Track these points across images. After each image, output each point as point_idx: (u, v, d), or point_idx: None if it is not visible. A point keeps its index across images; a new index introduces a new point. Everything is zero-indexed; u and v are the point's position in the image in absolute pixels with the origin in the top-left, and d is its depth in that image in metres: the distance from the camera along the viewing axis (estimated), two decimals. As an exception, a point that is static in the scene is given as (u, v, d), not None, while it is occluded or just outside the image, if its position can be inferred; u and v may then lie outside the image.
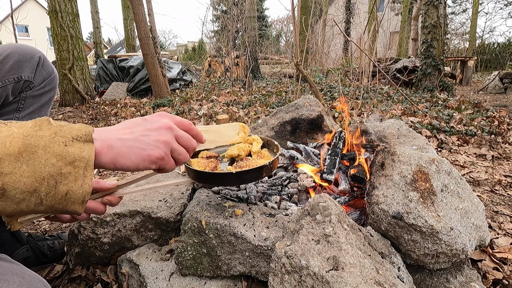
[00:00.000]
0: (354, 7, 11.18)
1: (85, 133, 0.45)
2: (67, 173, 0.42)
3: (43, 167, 0.41)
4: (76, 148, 0.43)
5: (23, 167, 0.40)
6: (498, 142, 2.46)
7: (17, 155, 0.39)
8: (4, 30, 8.31)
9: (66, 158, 0.42)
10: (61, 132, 0.44)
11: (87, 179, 0.44)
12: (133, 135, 0.51)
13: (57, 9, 4.94)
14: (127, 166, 0.50)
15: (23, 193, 0.40)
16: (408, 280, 0.74)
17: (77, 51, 5.27)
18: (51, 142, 0.42)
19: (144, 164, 0.51)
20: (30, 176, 0.40)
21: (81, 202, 0.45)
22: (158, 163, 0.52)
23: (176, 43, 30.31)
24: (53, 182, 0.42)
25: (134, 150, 0.50)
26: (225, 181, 0.81)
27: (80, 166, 0.43)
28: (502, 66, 13.73)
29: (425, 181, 0.82)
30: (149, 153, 0.51)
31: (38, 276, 0.46)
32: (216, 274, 0.86)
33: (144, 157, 0.51)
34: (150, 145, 0.51)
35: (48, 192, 0.42)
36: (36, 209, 0.43)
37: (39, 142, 0.41)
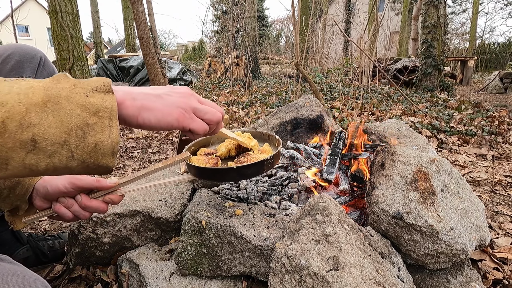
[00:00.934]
0: (354, 7, 11.18)
1: (103, 84, 0.45)
2: (93, 123, 0.42)
3: (69, 118, 0.41)
4: (98, 99, 0.43)
5: (50, 117, 0.40)
6: (498, 142, 2.46)
7: (42, 105, 0.40)
8: (4, 30, 8.30)
9: (89, 109, 0.42)
10: (80, 84, 0.44)
11: (113, 129, 0.44)
12: (156, 92, 0.51)
13: (57, 9, 4.94)
14: (149, 121, 0.49)
15: (53, 144, 0.40)
16: (408, 280, 0.74)
17: (77, 51, 5.27)
18: (72, 93, 0.42)
19: (166, 120, 0.50)
20: (58, 126, 0.40)
21: (111, 154, 0.45)
22: (181, 121, 0.51)
23: (176, 43, 30.33)
24: (81, 133, 0.42)
25: (157, 105, 0.49)
26: (227, 177, 0.80)
27: (105, 116, 0.43)
28: (502, 66, 13.73)
29: (425, 181, 0.82)
30: (171, 110, 0.50)
31: (39, 277, 0.46)
32: (216, 274, 0.86)
33: (166, 114, 0.50)
34: (173, 103, 0.51)
35: (77, 144, 0.42)
36: (69, 165, 0.43)
37: (60, 93, 0.41)
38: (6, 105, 0.37)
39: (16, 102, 0.38)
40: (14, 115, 0.38)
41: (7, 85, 0.39)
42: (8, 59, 0.86)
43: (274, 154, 0.79)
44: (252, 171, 0.77)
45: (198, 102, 0.55)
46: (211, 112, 0.56)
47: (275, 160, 0.81)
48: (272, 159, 0.79)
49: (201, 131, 0.54)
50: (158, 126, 0.50)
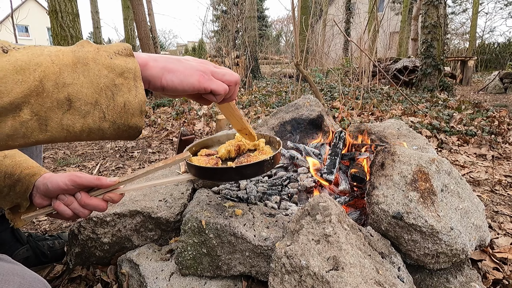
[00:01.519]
0: (354, 7, 11.18)
1: (124, 48, 0.47)
2: (119, 84, 0.44)
3: (98, 78, 0.43)
4: (121, 61, 0.45)
5: (81, 78, 0.42)
6: (498, 142, 2.46)
7: (73, 66, 0.41)
8: (4, 30, 8.29)
9: (115, 70, 0.44)
10: (103, 48, 0.46)
11: (139, 89, 0.46)
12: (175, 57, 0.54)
13: (57, 9, 4.94)
14: (172, 82, 0.50)
15: (86, 104, 0.42)
16: (408, 280, 0.74)
17: (77, 51, 5.26)
18: (97, 55, 0.44)
19: (188, 81, 0.52)
20: (89, 87, 0.42)
21: (139, 113, 0.47)
22: (202, 82, 0.53)
23: (176, 43, 30.33)
24: (110, 93, 0.44)
25: (179, 67, 0.51)
26: (226, 177, 0.80)
27: (130, 77, 0.45)
28: (502, 66, 13.73)
29: (425, 181, 0.82)
30: (192, 72, 0.52)
31: (38, 277, 0.46)
32: (216, 274, 0.86)
33: (187, 75, 0.52)
34: (193, 66, 0.53)
35: (108, 104, 0.44)
36: (102, 126, 0.45)
37: (87, 55, 0.43)
38: (41, 66, 0.39)
39: (49, 62, 0.40)
40: (50, 75, 0.39)
41: (38, 48, 0.41)
42: None
43: (273, 155, 0.79)
44: (251, 171, 0.77)
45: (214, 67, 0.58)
46: (229, 73, 0.58)
47: (274, 161, 0.81)
48: (272, 160, 0.79)
49: (222, 91, 0.56)
50: (180, 87, 0.51)
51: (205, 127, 3.17)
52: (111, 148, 2.69)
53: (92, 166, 2.23)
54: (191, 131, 3.10)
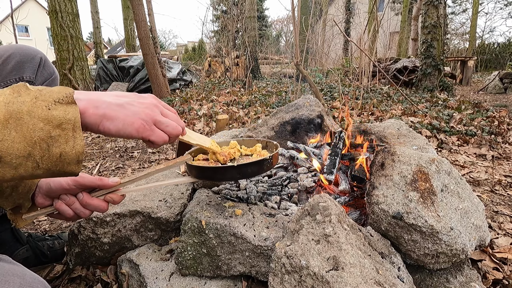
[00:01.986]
0: (354, 7, 11.19)
1: (65, 95, 0.45)
2: (56, 135, 0.43)
3: (32, 132, 0.42)
4: (60, 111, 0.44)
5: (13, 133, 0.40)
6: (498, 142, 2.46)
7: (4, 122, 0.40)
8: (4, 30, 8.29)
9: (52, 122, 0.43)
10: (42, 96, 0.44)
11: (77, 140, 0.45)
12: (119, 101, 0.52)
13: (57, 9, 4.94)
14: (109, 129, 0.49)
15: (18, 158, 0.41)
16: (408, 280, 0.74)
17: (77, 51, 5.27)
18: (33, 107, 0.42)
19: (127, 130, 0.51)
20: (22, 141, 0.41)
21: (76, 163, 0.46)
22: (140, 132, 0.52)
23: (176, 43, 30.33)
24: (45, 145, 0.43)
25: (118, 115, 0.50)
26: (226, 176, 0.82)
27: (68, 128, 0.44)
28: (502, 66, 13.74)
29: (425, 181, 0.82)
30: (132, 120, 0.51)
31: (38, 278, 0.46)
32: (216, 274, 0.86)
33: (126, 124, 0.50)
34: (135, 113, 0.52)
35: (42, 155, 0.43)
36: (35, 173, 0.44)
37: (22, 108, 0.41)
38: None
39: None
40: None
41: None
42: (9, 60, 0.86)
43: (272, 155, 0.82)
44: (252, 170, 0.79)
45: (160, 114, 0.56)
46: (172, 126, 0.56)
47: (273, 161, 0.83)
48: (271, 159, 0.81)
49: (160, 142, 0.55)
50: (118, 135, 0.51)
51: (205, 127, 3.17)
52: (111, 148, 2.69)
53: (92, 166, 2.23)
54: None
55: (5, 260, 0.46)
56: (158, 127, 0.55)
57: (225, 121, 2.71)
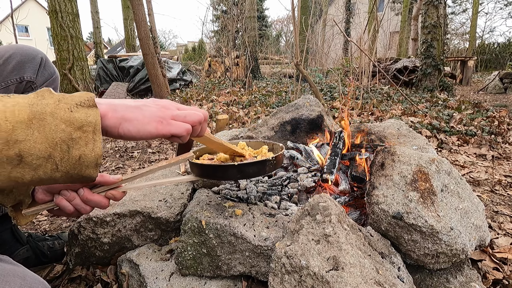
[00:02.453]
0: (354, 7, 11.19)
1: (87, 99, 0.46)
2: (77, 138, 0.44)
3: (54, 133, 0.42)
4: (82, 114, 0.45)
5: (35, 133, 0.41)
6: (498, 142, 2.46)
7: (28, 122, 0.41)
8: (4, 30, 8.30)
9: (74, 124, 0.44)
10: (64, 99, 0.45)
11: (97, 142, 0.46)
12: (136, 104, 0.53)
13: (57, 9, 4.94)
14: (129, 131, 0.50)
15: (39, 159, 0.42)
16: (408, 280, 0.74)
17: (77, 51, 5.27)
18: (56, 108, 0.43)
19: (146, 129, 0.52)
20: (43, 142, 0.42)
21: (94, 166, 0.47)
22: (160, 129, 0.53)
23: (176, 43, 30.34)
24: (65, 147, 0.43)
25: (136, 115, 0.51)
26: (228, 175, 0.80)
27: (89, 130, 0.45)
28: (502, 66, 13.74)
29: (425, 181, 0.82)
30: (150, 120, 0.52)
31: (39, 278, 0.46)
32: (216, 274, 0.86)
33: (145, 123, 0.51)
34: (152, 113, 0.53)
35: (62, 157, 0.44)
36: (53, 176, 0.44)
37: (45, 109, 0.42)
38: None
39: (2, 120, 0.39)
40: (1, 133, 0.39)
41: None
42: (10, 60, 0.87)
43: (275, 156, 0.81)
44: (253, 170, 0.78)
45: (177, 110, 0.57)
46: (190, 114, 0.57)
47: (277, 162, 0.82)
48: (274, 160, 0.80)
49: (183, 132, 0.55)
50: (138, 135, 0.51)
51: (205, 127, 3.16)
52: (111, 148, 2.69)
53: (92, 166, 2.23)
54: (191, 131, 3.09)
55: (5, 260, 0.46)
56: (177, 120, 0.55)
57: (225, 121, 2.71)
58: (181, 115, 0.56)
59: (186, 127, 0.55)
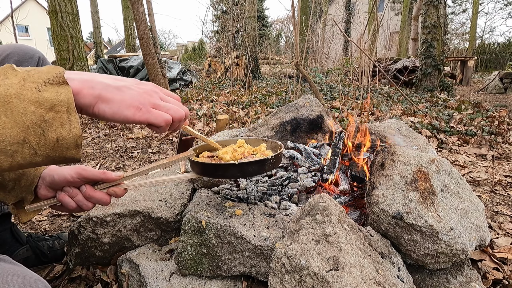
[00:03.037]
0: (354, 7, 11.19)
1: (56, 75, 0.42)
2: (50, 119, 0.41)
3: (23, 116, 0.39)
4: (52, 93, 0.41)
5: (3, 118, 0.38)
6: (498, 142, 2.46)
7: None
8: (4, 30, 8.30)
9: (44, 104, 0.40)
10: (30, 77, 0.41)
11: (73, 122, 0.43)
12: (116, 84, 0.49)
13: (57, 9, 4.94)
14: (103, 111, 0.46)
15: (12, 144, 0.40)
16: (408, 280, 0.74)
17: (77, 51, 5.27)
18: (22, 89, 0.40)
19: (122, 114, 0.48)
20: (14, 126, 0.39)
21: (75, 147, 0.44)
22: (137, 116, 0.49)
23: (176, 43, 30.36)
24: (39, 130, 0.41)
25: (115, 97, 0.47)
26: (228, 173, 0.80)
27: (62, 110, 0.42)
28: (502, 66, 13.74)
29: (425, 181, 0.82)
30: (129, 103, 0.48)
31: (39, 278, 0.46)
32: (216, 274, 0.86)
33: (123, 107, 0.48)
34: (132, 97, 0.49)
35: (38, 141, 0.41)
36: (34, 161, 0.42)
37: (10, 91, 0.39)
38: None
39: None
40: None
41: None
42: (7, 59, 0.86)
43: (275, 155, 0.81)
44: (253, 168, 0.78)
45: (160, 99, 0.53)
46: (173, 109, 0.53)
47: (276, 161, 0.82)
48: (274, 159, 0.80)
49: (162, 122, 0.51)
50: (112, 118, 0.48)
51: (205, 127, 3.17)
52: (111, 148, 2.69)
53: (92, 166, 2.23)
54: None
55: (5, 260, 0.46)
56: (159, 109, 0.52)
57: (225, 121, 2.71)
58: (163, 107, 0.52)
59: (166, 118, 0.52)
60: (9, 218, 1.04)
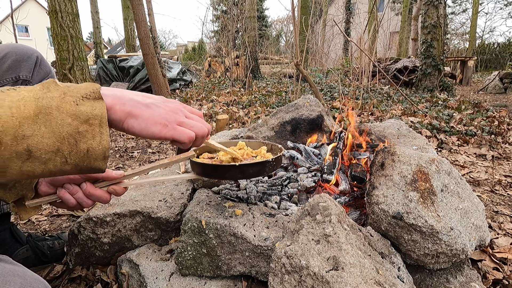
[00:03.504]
0: (354, 7, 11.19)
1: (93, 91, 0.46)
2: (84, 131, 0.44)
3: (60, 127, 0.43)
4: (88, 107, 0.44)
5: (42, 128, 0.41)
6: (498, 142, 2.46)
7: (34, 117, 0.41)
8: (4, 30, 8.30)
9: (80, 117, 0.44)
10: (70, 92, 0.44)
11: (103, 135, 0.46)
12: (145, 101, 0.52)
13: (57, 9, 4.94)
14: (132, 127, 0.50)
15: (47, 153, 0.42)
16: (408, 280, 0.74)
17: (77, 51, 5.27)
18: (62, 102, 0.43)
19: (150, 130, 0.51)
20: (51, 136, 0.42)
21: (102, 158, 0.47)
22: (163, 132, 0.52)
23: (176, 43, 30.36)
24: (73, 140, 0.44)
25: (144, 114, 0.51)
26: (228, 174, 0.81)
27: (95, 123, 0.45)
28: (502, 66, 13.75)
29: (425, 181, 0.82)
30: (156, 120, 0.51)
31: (39, 278, 0.46)
32: (216, 274, 0.86)
33: (150, 124, 0.51)
34: (160, 114, 0.52)
35: (70, 150, 0.44)
36: (64, 169, 0.45)
37: (51, 103, 0.42)
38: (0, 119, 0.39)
39: (9, 116, 0.39)
40: (8, 129, 0.39)
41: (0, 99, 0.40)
42: (5, 59, 0.87)
43: (275, 158, 0.82)
44: (253, 170, 0.79)
45: (184, 116, 0.57)
46: (197, 126, 0.57)
47: (276, 164, 0.83)
48: (274, 162, 0.81)
49: (185, 139, 0.54)
50: (140, 134, 0.51)
51: (205, 127, 3.16)
52: (111, 148, 2.69)
53: (92, 166, 2.23)
54: (191, 131, 3.09)
55: (5, 260, 0.46)
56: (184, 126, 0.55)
57: (225, 121, 2.71)
58: (188, 124, 0.56)
59: (190, 135, 0.55)
60: (9, 218, 1.04)
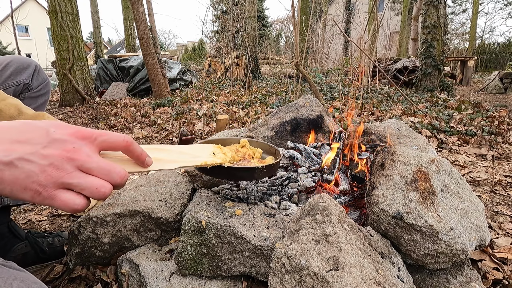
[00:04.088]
0: (354, 7, 11.19)
1: None
2: None
3: None
4: None
5: None
6: (498, 142, 2.46)
7: None
8: (4, 30, 8.31)
9: None
10: None
11: None
12: (8, 157, 0.36)
13: (57, 9, 4.94)
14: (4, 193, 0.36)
15: None
16: (408, 280, 0.74)
17: (77, 51, 5.27)
18: None
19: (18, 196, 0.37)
20: None
21: None
22: (37, 200, 0.37)
23: (176, 43, 30.37)
24: None
25: (3, 177, 0.36)
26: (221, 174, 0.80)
27: None
28: (502, 66, 13.76)
29: (425, 181, 0.82)
30: (24, 185, 0.36)
31: (41, 283, 0.46)
32: (216, 274, 0.86)
33: (16, 190, 0.36)
34: (29, 176, 0.36)
35: None
36: None
37: None
38: None
39: None
40: None
41: None
42: (7, 67, 1.01)
43: (266, 165, 0.80)
44: (242, 174, 0.79)
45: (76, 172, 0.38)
46: (90, 189, 0.39)
47: (267, 171, 0.81)
48: (264, 169, 0.79)
49: (68, 210, 0.38)
50: (14, 198, 0.38)
51: (205, 127, 3.17)
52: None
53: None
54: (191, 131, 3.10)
55: (9, 266, 0.46)
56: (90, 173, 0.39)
57: (225, 121, 2.72)
58: (76, 186, 0.38)
59: (73, 207, 0.38)
60: (8, 212, 1.06)
